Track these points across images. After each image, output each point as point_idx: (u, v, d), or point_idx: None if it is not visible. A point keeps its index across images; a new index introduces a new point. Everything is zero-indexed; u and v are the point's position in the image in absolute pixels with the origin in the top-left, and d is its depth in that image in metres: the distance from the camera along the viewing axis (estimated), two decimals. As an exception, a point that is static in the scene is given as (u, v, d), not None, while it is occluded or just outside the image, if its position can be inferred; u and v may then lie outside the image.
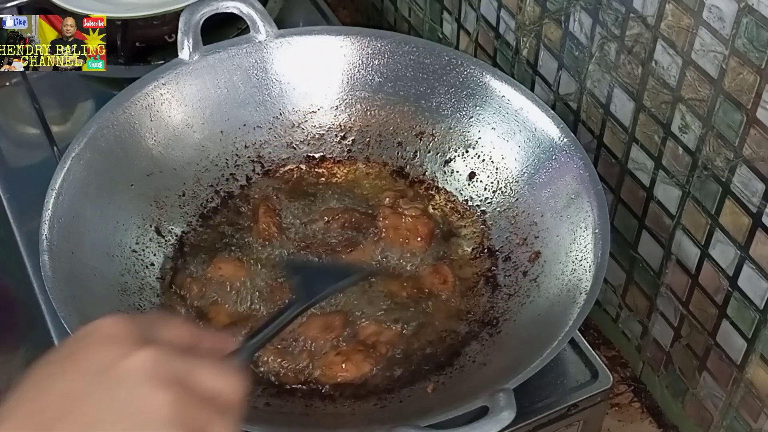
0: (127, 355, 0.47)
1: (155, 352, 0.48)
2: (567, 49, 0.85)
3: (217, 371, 0.50)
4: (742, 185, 0.70)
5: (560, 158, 0.83)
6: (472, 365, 0.76)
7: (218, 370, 0.50)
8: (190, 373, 0.48)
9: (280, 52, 0.92)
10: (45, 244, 0.75)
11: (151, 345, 0.48)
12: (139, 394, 0.47)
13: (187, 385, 0.48)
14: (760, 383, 0.76)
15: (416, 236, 0.85)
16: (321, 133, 0.94)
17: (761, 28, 0.63)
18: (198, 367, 0.49)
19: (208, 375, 0.49)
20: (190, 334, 0.52)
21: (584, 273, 0.75)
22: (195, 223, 0.87)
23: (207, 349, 0.52)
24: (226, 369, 0.51)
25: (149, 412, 0.46)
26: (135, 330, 0.49)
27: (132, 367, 0.47)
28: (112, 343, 0.48)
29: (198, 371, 0.49)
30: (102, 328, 0.49)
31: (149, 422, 0.46)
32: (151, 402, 0.46)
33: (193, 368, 0.49)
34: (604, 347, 0.95)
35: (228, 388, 0.50)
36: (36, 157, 1.03)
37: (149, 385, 0.47)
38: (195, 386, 0.48)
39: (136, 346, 0.48)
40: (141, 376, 0.47)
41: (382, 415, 0.73)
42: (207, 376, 0.49)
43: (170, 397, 0.47)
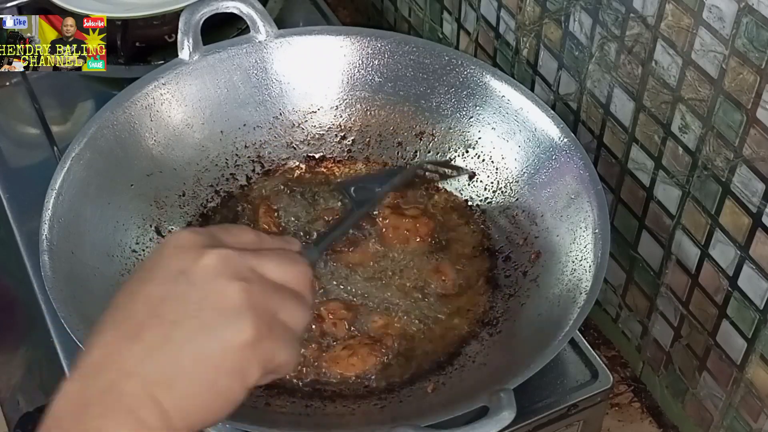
0: (198, 258, 0.51)
1: (224, 251, 0.52)
2: (567, 49, 0.85)
3: (282, 262, 0.54)
4: (742, 185, 0.70)
5: (560, 158, 0.83)
6: (472, 365, 0.76)
7: (283, 261, 0.54)
8: (258, 265, 0.52)
9: (280, 52, 0.92)
10: (45, 244, 0.75)
11: (219, 246, 0.52)
12: (213, 288, 0.50)
13: (256, 276, 0.52)
14: (760, 383, 0.76)
15: (416, 236, 0.85)
16: (321, 133, 0.94)
17: (761, 28, 0.63)
18: (264, 260, 0.53)
19: (274, 266, 0.53)
20: (255, 236, 0.56)
21: (584, 273, 0.75)
22: (195, 223, 0.87)
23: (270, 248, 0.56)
24: (290, 260, 0.55)
25: (224, 303, 0.50)
26: (203, 238, 0.53)
27: (204, 266, 0.51)
28: (184, 250, 0.52)
29: (265, 263, 0.53)
30: (174, 240, 0.53)
31: (225, 311, 0.50)
32: (225, 293, 0.50)
33: (259, 261, 0.53)
34: (604, 347, 0.95)
35: (295, 276, 0.54)
36: (36, 157, 1.03)
37: (221, 279, 0.51)
38: (262, 277, 0.52)
39: (205, 249, 0.52)
40: (213, 272, 0.51)
41: (382, 415, 0.73)
42: (274, 267, 0.53)
43: (241, 287, 0.50)
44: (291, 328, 0.53)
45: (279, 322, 0.52)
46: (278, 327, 0.52)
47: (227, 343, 0.49)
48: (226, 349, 0.49)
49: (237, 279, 0.51)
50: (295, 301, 0.54)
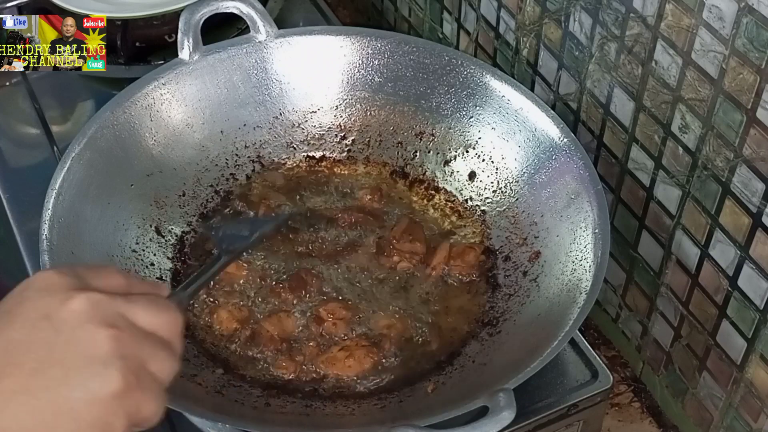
0: (65, 301, 0.49)
1: (93, 295, 0.49)
2: (567, 49, 0.85)
3: (153, 309, 0.52)
4: (742, 185, 0.70)
5: (560, 158, 0.83)
6: (472, 365, 0.76)
7: (154, 308, 0.52)
8: (128, 311, 0.50)
9: (280, 52, 0.92)
10: (45, 244, 0.75)
11: (88, 290, 0.50)
12: (80, 334, 0.48)
13: (126, 322, 0.49)
14: (760, 383, 0.76)
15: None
16: (321, 133, 0.94)
17: (761, 28, 0.63)
18: (134, 305, 0.51)
19: (144, 312, 0.51)
20: (123, 279, 0.53)
21: (584, 273, 0.75)
22: (195, 223, 0.87)
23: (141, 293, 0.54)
24: (161, 306, 0.53)
25: (91, 351, 0.48)
26: (70, 279, 0.50)
27: (71, 310, 0.48)
28: (49, 292, 0.49)
29: (135, 310, 0.50)
30: (38, 281, 0.50)
31: (92, 360, 0.47)
32: (93, 340, 0.48)
33: (129, 307, 0.50)
34: (604, 347, 0.95)
35: (165, 323, 0.52)
36: (36, 157, 1.03)
37: (89, 325, 0.48)
38: (133, 323, 0.50)
39: (73, 292, 0.49)
40: (80, 318, 0.48)
41: (382, 415, 0.73)
42: (144, 314, 0.51)
43: (110, 334, 0.48)
44: (159, 378, 0.51)
45: (147, 372, 0.50)
46: (146, 377, 0.50)
47: (93, 394, 0.47)
48: (91, 401, 0.47)
49: (106, 325, 0.48)
50: (165, 350, 0.51)
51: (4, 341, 0.48)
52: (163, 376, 0.51)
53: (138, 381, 0.49)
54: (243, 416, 0.70)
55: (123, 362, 0.48)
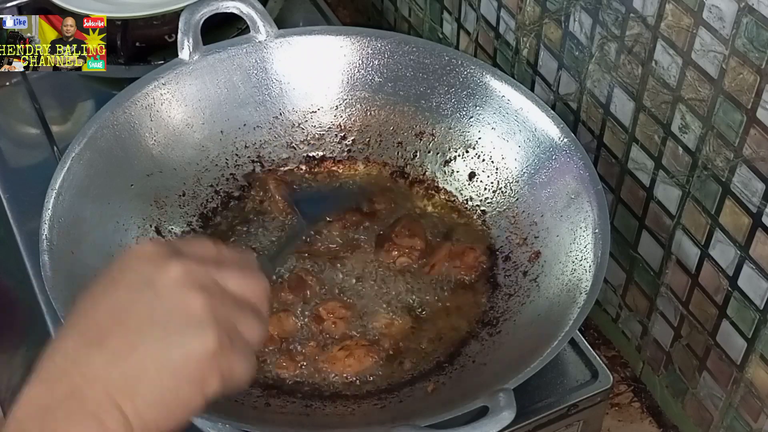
0: (162, 269, 0.52)
1: (186, 263, 0.53)
2: (567, 49, 0.85)
3: (242, 276, 0.56)
4: (742, 185, 0.70)
5: (560, 158, 0.83)
6: (472, 365, 0.76)
7: (244, 276, 0.56)
8: (220, 278, 0.54)
9: (280, 52, 0.92)
10: (45, 244, 0.75)
11: (183, 258, 0.53)
12: (176, 299, 0.52)
13: (217, 288, 0.53)
14: (760, 383, 0.76)
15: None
16: (321, 133, 0.94)
17: (761, 28, 0.63)
18: (226, 273, 0.54)
19: (235, 280, 0.55)
20: (214, 249, 0.57)
21: (584, 273, 0.75)
22: (195, 223, 0.87)
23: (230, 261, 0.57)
24: (250, 274, 0.57)
25: (186, 313, 0.51)
26: (166, 249, 0.54)
27: (167, 277, 0.52)
28: (148, 261, 0.53)
29: (226, 277, 0.54)
30: (138, 251, 0.55)
31: (188, 321, 0.51)
32: (187, 304, 0.51)
33: (221, 275, 0.54)
34: (604, 347, 0.95)
35: (253, 290, 0.56)
36: (36, 157, 1.03)
37: (184, 290, 0.52)
38: (224, 289, 0.54)
39: (170, 261, 0.53)
40: (176, 283, 0.52)
41: (382, 415, 0.73)
42: (234, 281, 0.55)
43: (203, 298, 0.52)
44: (249, 341, 0.54)
45: (238, 334, 0.53)
46: (238, 339, 0.53)
47: (190, 353, 0.51)
48: (188, 359, 0.51)
49: (200, 291, 0.52)
50: (254, 315, 0.55)
51: (111, 305, 0.52)
52: (252, 339, 0.54)
53: (230, 341, 0.52)
54: (243, 416, 0.70)
55: (216, 325, 0.51)
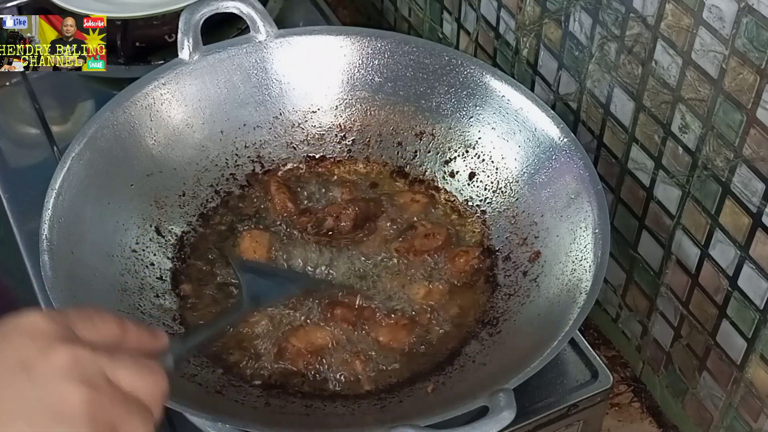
0: (46, 352, 0.47)
1: (76, 350, 0.48)
2: (567, 49, 0.85)
3: (138, 370, 0.50)
4: (742, 185, 0.70)
5: (560, 158, 0.83)
6: (472, 365, 0.76)
7: (139, 369, 0.50)
8: (110, 371, 0.49)
9: (280, 52, 0.92)
10: (45, 244, 0.75)
11: (73, 342, 0.48)
12: (55, 390, 0.47)
13: (104, 383, 0.48)
14: (760, 383, 0.76)
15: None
16: (321, 133, 0.94)
17: (761, 28, 0.63)
18: (119, 365, 0.49)
19: (127, 373, 0.49)
20: (117, 329, 0.52)
21: (584, 273, 0.75)
22: (195, 223, 0.88)
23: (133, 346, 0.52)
24: (147, 368, 0.51)
25: (64, 409, 0.46)
26: (58, 326, 0.49)
27: (50, 363, 0.47)
28: (33, 338, 0.48)
29: (118, 370, 0.49)
30: (26, 323, 0.49)
31: (63, 418, 0.46)
32: (66, 398, 0.47)
33: (113, 366, 0.49)
34: (604, 347, 0.95)
35: (147, 387, 0.50)
36: (36, 157, 1.03)
37: (66, 382, 0.47)
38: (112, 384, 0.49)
39: (57, 343, 0.48)
40: (58, 372, 0.47)
41: (382, 415, 0.73)
42: (127, 375, 0.49)
43: (86, 394, 0.47)
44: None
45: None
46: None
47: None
48: None
49: (83, 384, 0.47)
50: (140, 415, 0.50)
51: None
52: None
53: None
54: (243, 416, 0.70)
55: (93, 425, 0.47)
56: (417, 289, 0.82)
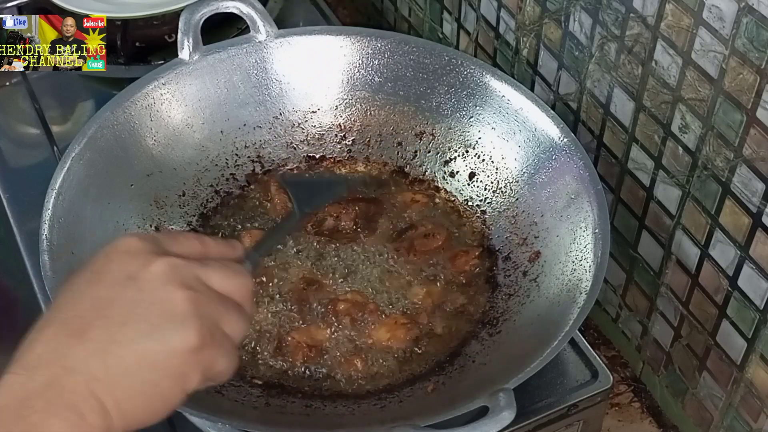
0: (147, 264, 0.53)
1: (170, 260, 0.53)
2: (567, 49, 0.85)
3: (226, 273, 0.56)
4: (742, 185, 0.70)
5: (560, 158, 0.83)
6: (472, 365, 0.76)
7: (227, 273, 0.56)
8: (203, 275, 0.54)
9: (280, 52, 0.92)
10: (45, 244, 0.75)
11: (167, 254, 0.54)
12: (161, 294, 0.52)
13: (201, 285, 0.54)
14: (760, 383, 0.76)
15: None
16: (321, 133, 0.94)
17: (761, 28, 0.63)
18: (209, 270, 0.55)
19: (219, 277, 0.55)
20: (198, 244, 0.58)
21: (584, 273, 0.75)
22: (195, 223, 0.88)
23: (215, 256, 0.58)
24: (234, 271, 0.57)
25: (170, 308, 0.52)
26: (150, 245, 0.54)
27: (152, 272, 0.53)
28: (133, 255, 0.54)
29: (210, 274, 0.55)
30: (123, 245, 0.54)
31: (171, 317, 0.51)
32: (172, 299, 0.52)
33: (205, 271, 0.54)
34: (604, 347, 0.95)
35: (237, 287, 0.56)
36: (36, 157, 1.03)
37: (168, 286, 0.52)
38: (207, 286, 0.54)
39: (154, 256, 0.53)
40: (161, 279, 0.52)
41: (382, 415, 0.73)
42: (218, 278, 0.55)
43: (187, 294, 0.52)
44: (231, 337, 0.55)
45: (221, 331, 0.54)
46: (220, 336, 0.53)
47: (172, 348, 0.51)
48: (170, 353, 0.51)
49: (184, 287, 0.52)
50: (236, 312, 0.55)
51: (94, 298, 0.52)
52: (235, 335, 0.55)
53: (212, 338, 0.52)
54: (243, 416, 0.70)
55: (199, 320, 0.52)
56: (417, 289, 0.82)
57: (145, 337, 0.51)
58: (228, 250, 0.60)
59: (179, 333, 0.51)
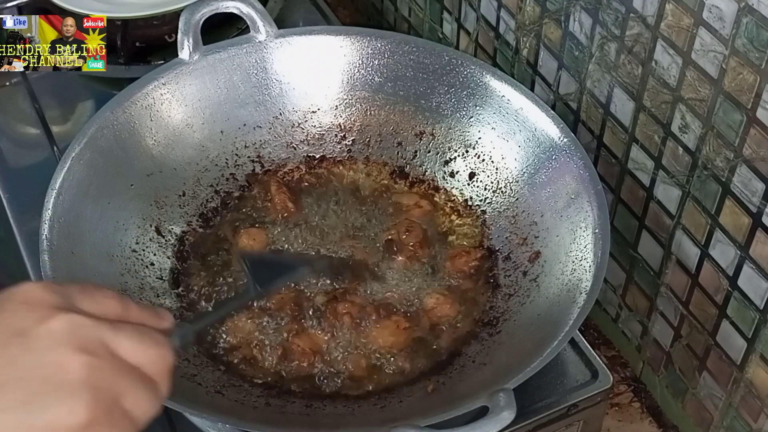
0: (45, 319, 0.46)
1: (75, 317, 0.47)
2: (567, 49, 0.85)
3: (141, 341, 0.48)
4: (742, 185, 0.70)
5: (560, 158, 0.83)
6: (472, 365, 0.76)
7: (143, 340, 0.49)
8: (111, 340, 0.47)
9: (280, 52, 0.92)
10: (45, 244, 0.75)
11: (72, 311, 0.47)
12: (54, 356, 0.45)
13: (106, 352, 0.47)
14: (760, 383, 0.76)
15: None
16: (321, 133, 0.94)
17: (761, 28, 0.63)
18: (121, 334, 0.48)
19: (130, 344, 0.48)
20: (118, 305, 0.50)
21: (584, 273, 0.75)
22: (195, 223, 0.88)
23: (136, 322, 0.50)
24: (152, 339, 0.49)
25: (62, 375, 0.45)
26: (56, 296, 0.48)
27: (47, 330, 0.46)
28: (30, 307, 0.47)
29: (120, 339, 0.47)
30: (21, 294, 0.48)
31: (61, 385, 0.45)
32: (65, 364, 0.45)
33: (115, 336, 0.47)
34: (604, 347, 0.95)
35: (151, 359, 0.49)
36: (36, 157, 1.03)
37: (63, 348, 0.45)
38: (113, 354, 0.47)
39: (55, 311, 0.47)
40: (57, 339, 0.46)
41: (382, 415, 0.73)
42: (129, 345, 0.48)
43: (84, 360, 0.45)
44: (133, 416, 0.47)
45: (120, 409, 0.46)
46: (118, 414, 0.46)
47: (54, 423, 0.44)
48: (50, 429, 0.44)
49: (82, 351, 0.45)
50: (145, 388, 0.48)
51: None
52: (139, 415, 0.47)
53: (107, 416, 0.46)
54: (243, 416, 0.70)
55: (93, 393, 0.45)
56: (417, 290, 0.82)
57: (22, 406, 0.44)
58: (153, 318, 0.52)
59: (64, 405, 0.44)
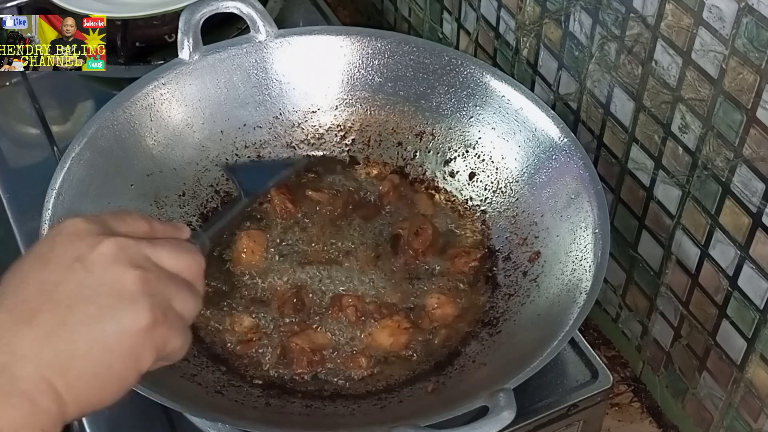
0: (94, 245, 0.52)
1: (120, 240, 0.53)
2: (567, 49, 0.85)
3: (176, 251, 0.55)
4: (742, 185, 0.70)
5: (560, 158, 0.83)
6: (472, 365, 0.76)
7: (177, 251, 0.56)
8: (153, 254, 0.54)
9: (280, 52, 0.92)
10: (45, 244, 0.74)
11: (114, 234, 0.53)
12: (110, 275, 0.51)
13: (152, 264, 0.53)
14: (760, 383, 0.76)
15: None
16: (321, 133, 0.94)
17: (761, 28, 0.63)
18: (158, 248, 0.54)
19: (168, 255, 0.55)
20: (146, 224, 0.57)
21: (584, 273, 0.75)
22: (195, 223, 0.87)
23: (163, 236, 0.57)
24: (184, 249, 0.56)
25: (120, 289, 0.51)
26: (97, 226, 0.54)
27: (100, 253, 0.52)
28: (79, 237, 0.53)
29: (159, 253, 0.54)
30: (68, 227, 0.54)
31: (120, 297, 0.51)
32: (122, 280, 0.51)
33: (154, 250, 0.54)
34: (604, 347, 0.95)
35: (187, 265, 0.56)
36: (36, 157, 1.03)
37: (118, 266, 0.52)
38: (158, 265, 0.54)
39: (101, 237, 0.53)
40: (109, 260, 0.52)
41: (382, 415, 0.73)
42: (168, 256, 0.54)
43: (137, 274, 0.52)
44: (183, 316, 0.54)
45: (173, 310, 0.53)
46: (172, 314, 0.53)
47: (123, 328, 0.50)
48: (122, 334, 0.50)
49: (133, 267, 0.52)
50: (188, 290, 0.55)
51: (41, 281, 0.51)
52: (187, 314, 0.54)
53: (164, 317, 0.52)
54: (243, 416, 0.70)
55: (150, 300, 0.51)
56: (417, 290, 0.82)
57: (95, 319, 0.50)
58: (175, 230, 0.59)
59: (130, 313, 0.51)
